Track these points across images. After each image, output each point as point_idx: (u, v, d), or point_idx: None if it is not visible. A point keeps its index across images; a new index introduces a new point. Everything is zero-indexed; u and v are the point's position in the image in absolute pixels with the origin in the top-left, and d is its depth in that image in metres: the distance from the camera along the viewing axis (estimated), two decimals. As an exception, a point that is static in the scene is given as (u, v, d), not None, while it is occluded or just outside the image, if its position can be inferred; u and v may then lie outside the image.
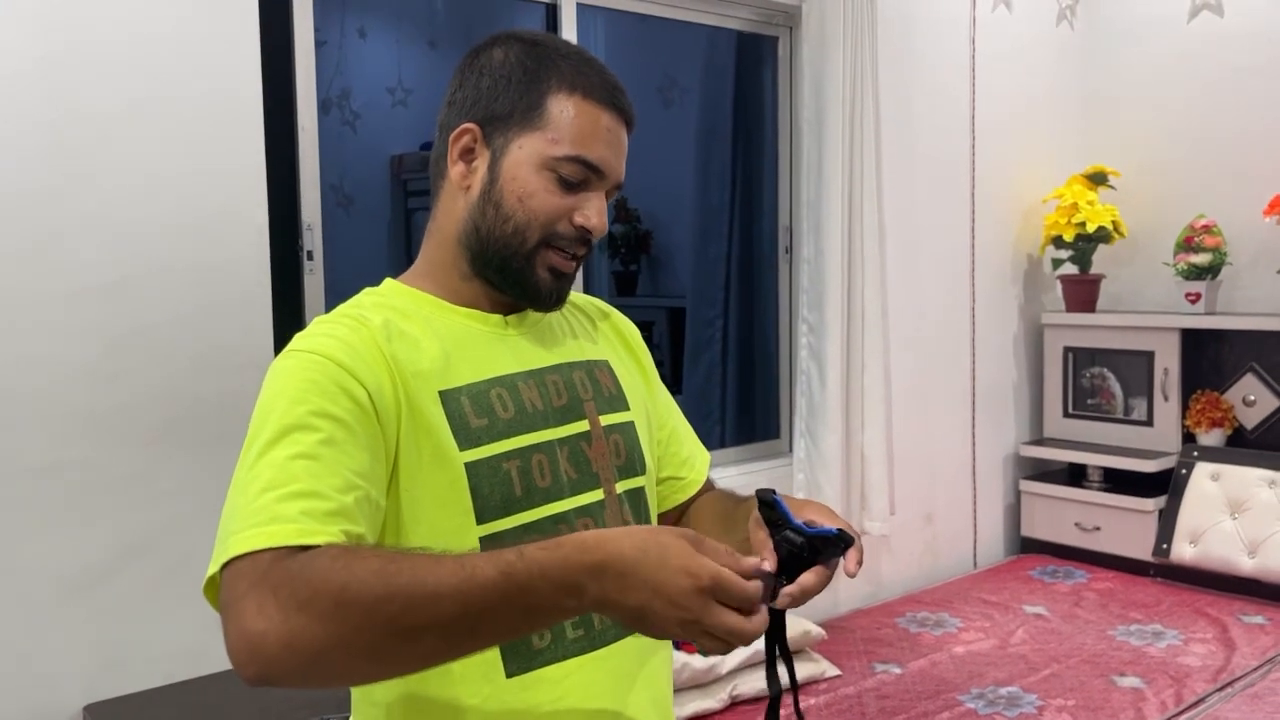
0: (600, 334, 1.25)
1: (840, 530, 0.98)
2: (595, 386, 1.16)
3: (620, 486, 1.14)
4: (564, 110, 1.07)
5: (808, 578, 0.96)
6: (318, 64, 2.54)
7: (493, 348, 1.10)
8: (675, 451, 1.29)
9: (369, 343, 1.01)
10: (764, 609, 0.87)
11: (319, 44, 3.85)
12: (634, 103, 1.13)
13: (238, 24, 2.21)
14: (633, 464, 1.16)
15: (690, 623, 0.84)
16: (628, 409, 1.19)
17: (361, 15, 4.07)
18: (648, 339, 4.66)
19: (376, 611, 0.80)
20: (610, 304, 1.35)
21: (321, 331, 1.03)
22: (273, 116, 2.32)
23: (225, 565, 0.85)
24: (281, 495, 0.88)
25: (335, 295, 2.48)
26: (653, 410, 1.27)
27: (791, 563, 0.96)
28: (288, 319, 2.36)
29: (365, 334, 1.02)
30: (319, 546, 0.84)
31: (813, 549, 0.97)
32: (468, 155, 1.10)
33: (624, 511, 1.14)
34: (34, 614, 2.01)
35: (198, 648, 2.17)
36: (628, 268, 4.71)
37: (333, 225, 3.33)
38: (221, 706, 2.08)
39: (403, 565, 0.82)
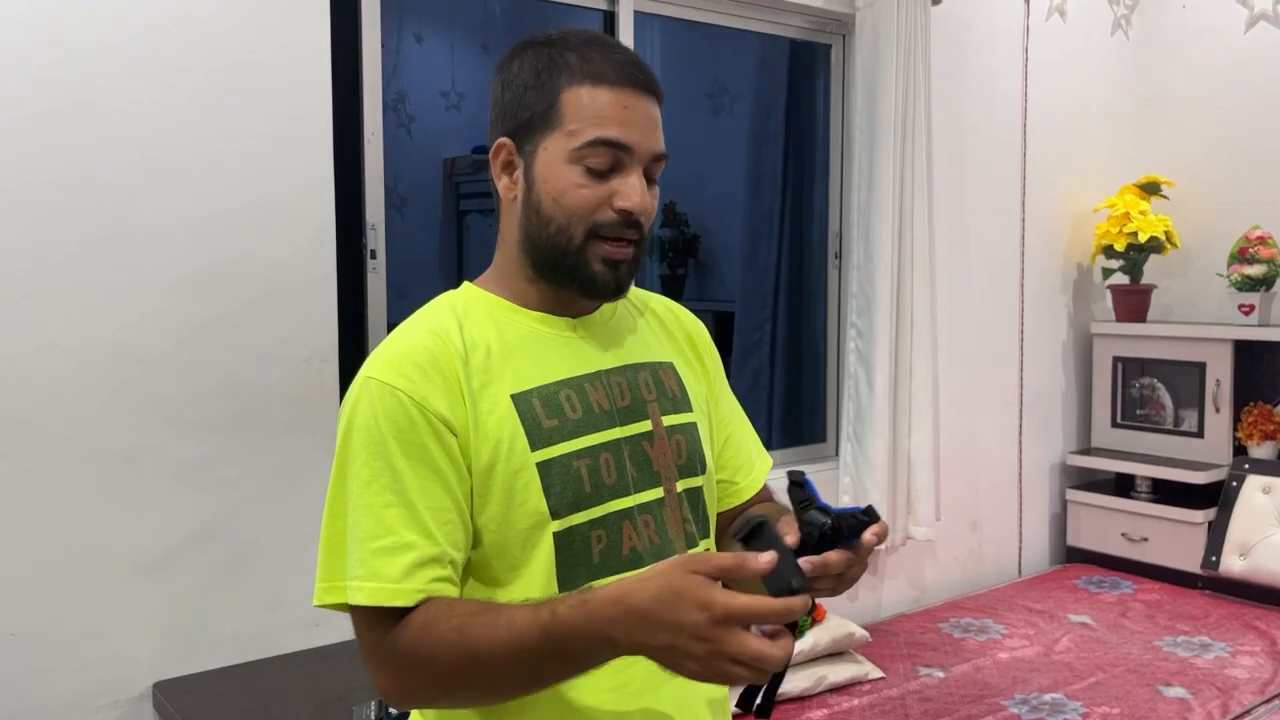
0: (669, 335, 1.28)
1: (868, 507, 0.98)
2: (659, 388, 1.20)
3: (680, 485, 1.18)
4: (577, 101, 1.08)
5: (830, 555, 0.96)
6: (375, 68, 2.60)
7: (561, 351, 1.14)
8: (732, 456, 1.31)
9: (446, 364, 1.07)
10: (788, 639, 0.88)
11: (377, 48, 3.93)
12: (684, 109, 1.13)
13: (310, 31, 2.29)
14: (693, 464, 1.20)
15: (716, 654, 0.88)
16: (690, 410, 1.22)
17: (419, 20, 4.15)
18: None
19: (456, 678, 1.00)
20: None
21: (401, 354, 1.08)
22: (338, 119, 2.39)
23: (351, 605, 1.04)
24: (380, 548, 1.02)
25: (396, 294, 2.55)
26: (714, 412, 1.29)
27: (817, 543, 0.95)
28: (352, 315, 2.44)
29: (443, 355, 1.08)
30: (414, 609, 1.01)
31: (837, 530, 0.95)
32: (509, 168, 1.14)
33: (683, 509, 1.17)
34: (107, 594, 2.10)
35: (261, 632, 2.24)
36: (675, 271, 4.76)
37: (387, 226, 3.39)
38: (283, 688, 2.15)
39: (468, 635, 0.98)
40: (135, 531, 2.12)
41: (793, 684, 2.69)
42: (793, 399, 3.76)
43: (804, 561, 0.94)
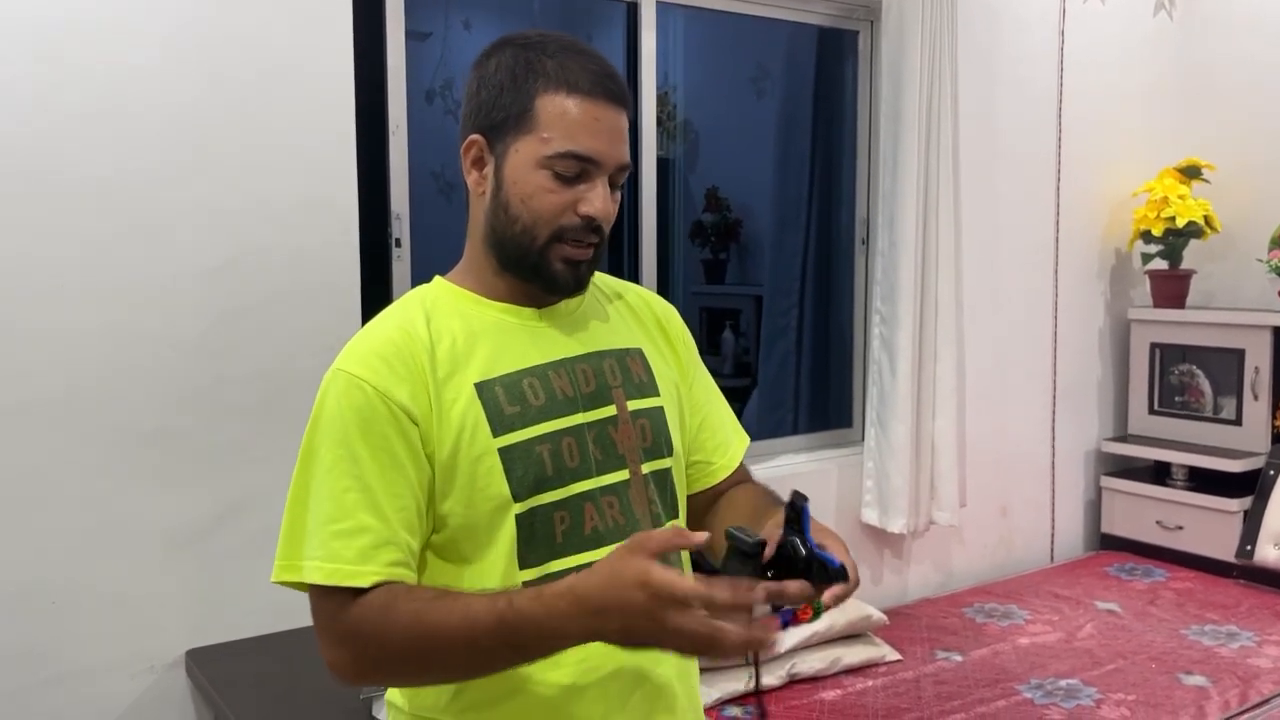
0: (639, 322, 1.33)
1: (843, 565, 0.99)
2: (625, 374, 1.25)
3: (646, 467, 1.23)
4: (551, 109, 1.13)
5: (791, 584, 0.96)
6: (424, 55, 2.66)
7: (525, 340, 1.20)
8: (708, 438, 1.36)
9: (410, 356, 1.14)
10: (748, 622, 0.91)
11: (424, 36, 4.01)
12: (725, 94, 1.15)
13: (332, 22, 2.37)
14: (659, 447, 1.25)
15: (663, 630, 0.93)
16: (657, 395, 1.27)
17: (466, 8, 4.23)
18: (733, 327, 4.62)
19: (408, 660, 1.06)
20: (697, 292, 1.41)
21: (368, 348, 1.15)
22: (375, 109, 2.48)
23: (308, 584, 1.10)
24: (339, 531, 1.08)
25: (422, 281, 2.64)
26: (686, 396, 1.34)
27: (785, 566, 0.96)
28: (377, 302, 2.53)
29: (408, 347, 1.14)
30: (370, 590, 1.07)
31: (808, 566, 0.97)
32: (479, 164, 1.19)
33: (649, 491, 1.23)
34: (142, 566, 2.22)
35: (286, 605, 2.32)
36: (717, 256, 4.79)
37: (434, 212, 3.46)
38: (310, 658, 2.24)
39: (424, 620, 1.03)
40: (169, 508, 2.24)
41: (807, 664, 2.74)
42: (820, 385, 3.78)
43: (764, 585, 0.95)
